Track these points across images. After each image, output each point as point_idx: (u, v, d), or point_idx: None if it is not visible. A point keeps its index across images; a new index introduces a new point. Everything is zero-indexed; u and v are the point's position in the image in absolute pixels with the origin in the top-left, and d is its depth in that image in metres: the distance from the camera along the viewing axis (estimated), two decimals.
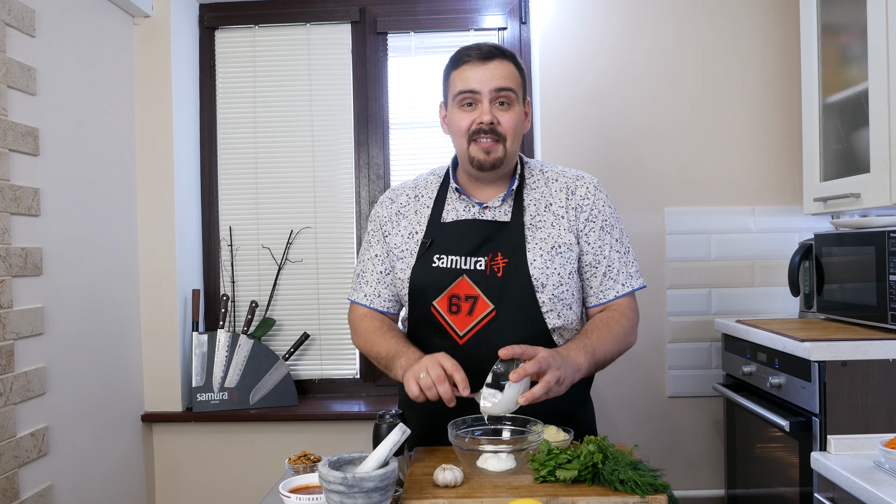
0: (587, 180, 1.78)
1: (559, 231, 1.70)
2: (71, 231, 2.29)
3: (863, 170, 2.09)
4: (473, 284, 1.67)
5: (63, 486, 2.21)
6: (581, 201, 1.74)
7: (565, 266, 1.69)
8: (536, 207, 1.73)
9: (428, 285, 1.70)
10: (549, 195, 1.74)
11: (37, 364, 2.09)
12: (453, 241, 1.70)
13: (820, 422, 1.86)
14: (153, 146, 2.74)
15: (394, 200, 1.82)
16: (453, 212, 1.75)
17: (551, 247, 1.69)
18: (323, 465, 1.22)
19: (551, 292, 1.67)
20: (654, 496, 1.27)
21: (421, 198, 1.79)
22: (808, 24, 2.42)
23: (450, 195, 1.77)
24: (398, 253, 1.76)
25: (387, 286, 1.79)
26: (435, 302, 1.69)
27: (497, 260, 1.67)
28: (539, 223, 1.71)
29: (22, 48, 2.05)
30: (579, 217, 1.73)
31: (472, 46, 1.69)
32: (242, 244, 2.99)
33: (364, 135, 2.97)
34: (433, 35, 2.97)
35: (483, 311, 1.66)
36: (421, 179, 1.84)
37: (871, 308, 2.02)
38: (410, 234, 1.76)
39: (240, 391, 2.81)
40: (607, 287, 1.75)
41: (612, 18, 2.76)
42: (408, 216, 1.78)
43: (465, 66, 1.67)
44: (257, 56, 2.99)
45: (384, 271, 1.79)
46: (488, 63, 1.65)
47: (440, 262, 1.69)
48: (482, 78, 1.65)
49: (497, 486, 1.34)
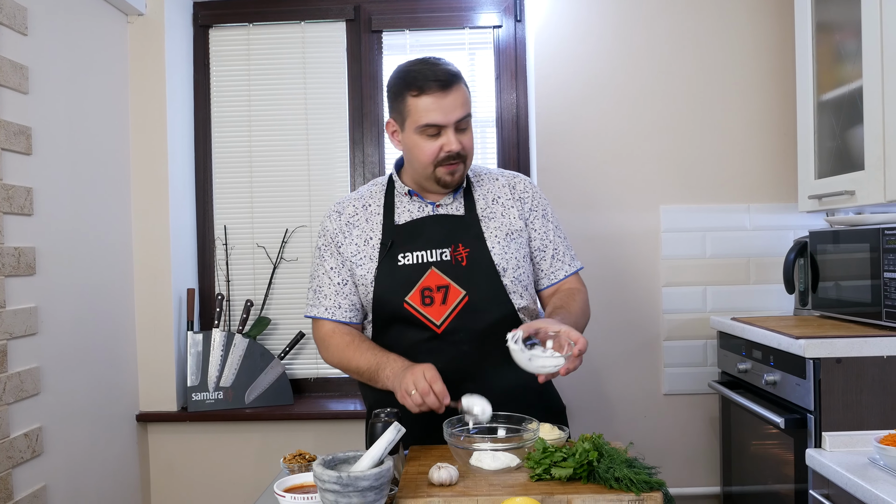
0: (522, 177, 1.93)
1: (510, 220, 1.83)
2: (64, 230, 2.28)
3: (857, 167, 2.09)
4: (442, 274, 1.74)
5: (57, 486, 2.20)
6: (522, 194, 1.88)
7: (520, 250, 1.82)
8: (485, 201, 1.85)
9: (396, 283, 1.75)
10: (494, 191, 1.87)
11: (30, 364, 2.08)
12: (415, 238, 1.77)
13: (815, 419, 1.87)
14: (147, 145, 2.73)
15: (341, 213, 1.86)
16: (406, 214, 1.82)
17: (506, 234, 1.81)
18: (318, 464, 1.22)
19: (512, 275, 1.78)
20: (649, 494, 1.27)
21: (369, 206, 1.85)
22: (802, 22, 2.42)
23: (398, 199, 1.83)
24: (356, 260, 1.80)
25: (345, 297, 1.81)
26: (407, 297, 1.74)
27: (459, 250, 1.76)
28: (491, 214, 1.83)
29: (14, 46, 2.04)
30: (524, 207, 1.86)
31: (428, 71, 1.70)
32: (237, 243, 2.99)
33: (359, 133, 2.97)
34: (428, 33, 2.96)
35: (456, 297, 1.73)
36: (364, 190, 1.90)
37: (865, 305, 2.02)
38: (366, 240, 1.80)
39: (235, 390, 2.80)
40: (556, 268, 1.89)
41: (607, 17, 2.75)
42: (359, 225, 1.83)
43: (426, 96, 1.69)
44: (252, 54, 2.99)
45: (341, 282, 1.82)
46: (448, 93, 1.69)
47: (405, 260, 1.76)
48: (446, 109, 1.70)
49: (492, 484, 1.34)
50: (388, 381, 1.65)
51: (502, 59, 2.93)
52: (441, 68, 1.71)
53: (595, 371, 2.72)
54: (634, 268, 2.75)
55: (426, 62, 1.73)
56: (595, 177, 2.75)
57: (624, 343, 2.74)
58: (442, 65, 1.72)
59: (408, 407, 1.57)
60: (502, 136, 2.93)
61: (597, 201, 2.75)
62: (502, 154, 2.93)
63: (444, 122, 1.70)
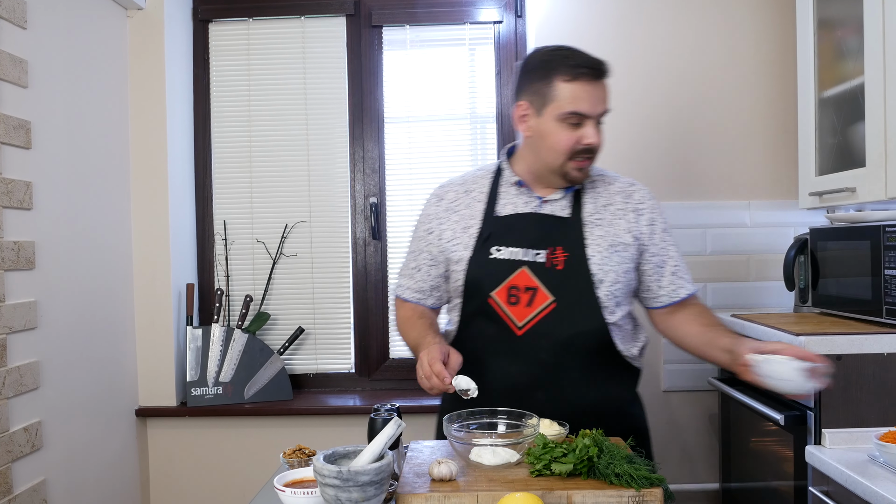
0: (640, 186, 1.81)
1: (616, 230, 1.72)
2: (64, 225, 2.28)
3: (858, 164, 2.09)
4: (533, 276, 1.67)
5: (57, 480, 2.20)
6: (639, 204, 1.76)
7: (622, 264, 1.71)
8: (595, 205, 1.74)
9: (485, 277, 1.70)
10: (607, 195, 1.76)
11: (30, 358, 2.08)
12: (512, 233, 1.71)
13: (815, 416, 1.87)
14: (147, 140, 2.73)
15: (442, 198, 1.82)
16: (510, 205, 1.75)
17: (609, 244, 1.70)
18: (318, 458, 1.22)
19: (608, 288, 1.68)
20: (649, 490, 1.27)
21: (472, 192, 1.79)
22: (804, 19, 2.41)
23: (504, 189, 1.77)
24: (451, 246, 1.76)
25: (415, 281, 1.83)
26: (493, 293, 1.69)
27: (557, 253, 1.68)
28: (598, 220, 1.72)
29: (13, 40, 2.04)
30: (640, 219, 1.75)
31: (581, 58, 1.62)
32: (237, 238, 2.98)
33: (359, 129, 2.96)
34: (428, 28, 2.95)
35: (542, 302, 1.66)
36: (469, 176, 1.85)
37: (866, 302, 2.02)
38: (464, 227, 1.76)
39: (234, 386, 2.80)
40: (678, 285, 1.78)
41: (607, 12, 2.75)
42: (459, 210, 1.78)
43: (578, 83, 1.61)
44: (251, 49, 2.98)
45: (415, 267, 1.82)
46: (598, 83, 1.62)
47: (498, 254, 1.70)
48: (594, 100, 1.62)
49: (492, 479, 1.34)
50: None
51: (503, 55, 2.93)
52: (594, 58, 1.63)
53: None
54: None
55: (574, 49, 1.65)
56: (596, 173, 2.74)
57: None
58: (592, 55, 1.64)
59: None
60: (502, 132, 2.93)
61: None
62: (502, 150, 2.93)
63: (590, 112, 1.61)
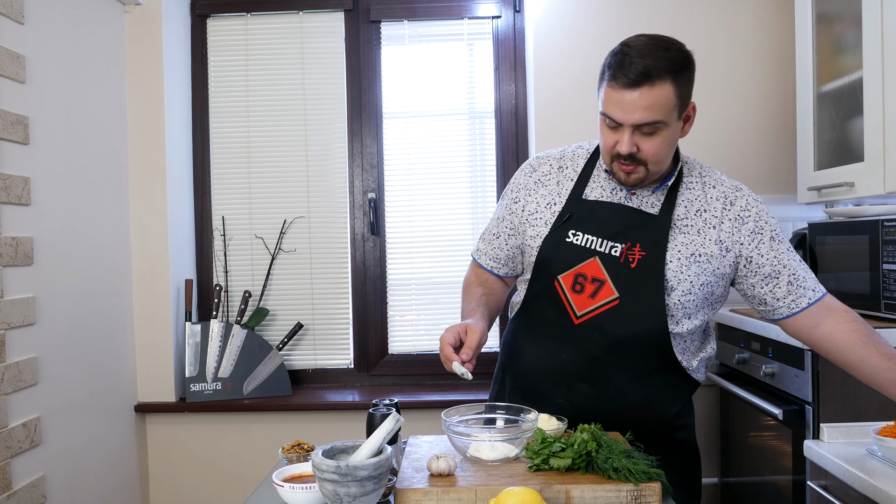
0: (747, 192, 1.68)
1: (704, 240, 1.63)
2: (62, 220, 2.28)
3: (857, 159, 2.09)
4: (603, 268, 1.62)
5: (56, 476, 2.20)
6: (741, 212, 1.64)
7: (699, 276, 1.62)
8: (687, 209, 1.65)
9: (557, 258, 1.66)
10: (704, 200, 1.65)
11: (28, 354, 2.08)
12: (593, 219, 1.65)
13: (813, 410, 1.87)
14: (145, 135, 2.72)
15: (536, 169, 1.77)
16: (598, 190, 1.69)
17: (691, 253, 1.62)
18: (316, 453, 1.22)
19: (678, 298, 1.61)
20: (647, 484, 1.27)
21: (565, 169, 1.74)
22: (802, 13, 2.41)
23: (597, 172, 1.70)
24: (532, 220, 1.72)
25: (493, 248, 1.81)
26: (560, 276, 1.65)
27: (634, 251, 1.61)
28: (686, 226, 1.63)
29: (11, 35, 2.03)
30: (740, 230, 1.63)
31: (625, 61, 1.50)
32: (235, 234, 2.98)
33: (357, 124, 2.96)
34: (427, 23, 2.95)
35: (606, 297, 1.62)
36: (568, 151, 1.77)
37: (864, 297, 2.02)
38: (548, 203, 1.71)
39: (233, 381, 2.80)
40: (798, 295, 1.63)
41: (605, 7, 2.74)
42: (548, 185, 1.73)
43: (611, 88, 1.52)
44: (249, 44, 2.97)
45: (495, 234, 1.80)
46: (634, 91, 1.49)
47: (574, 239, 1.65)
48: (626, 108, 1.50)
49: (491, 474, 1.34)
50: None
51: (501, 50, 2.92)
52: (642, 62, 1.48)
53: None
54: None
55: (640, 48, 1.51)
56: None
57: None
58: (650, 58, 1.48)
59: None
60: (501, 127, 2.92)
61: None
62: (501, 145, 2.93)
63: (621, 119, 1.52)
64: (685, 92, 1.55)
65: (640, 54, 1.49)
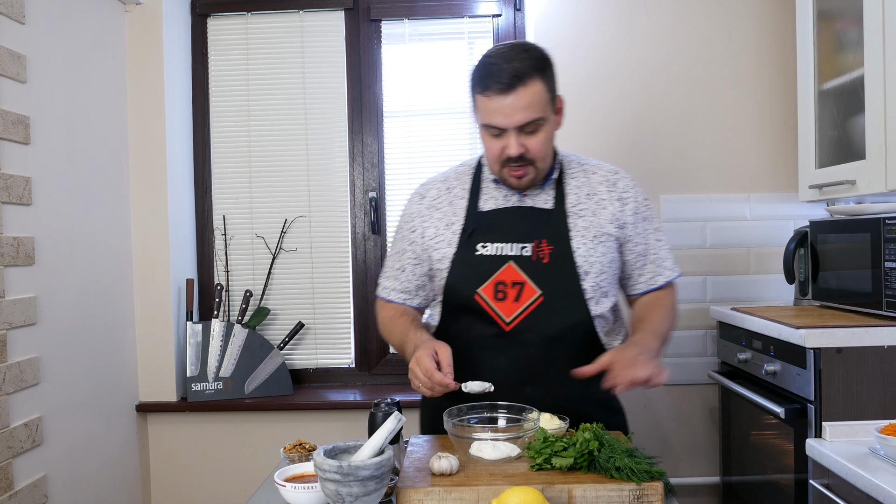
0: (623, 174, 1.80)
1: (600, 220, 1.72)
2: (63, 220, 2.27)
3: (858, 156, 2.09)
4: (520, 270, 1.67)
5: (57, 476, 2.20)
6: (623, 193, 1.76)
7: (606, 255, 1.71)
8: (578, 196, 1.74)
9: (471, 273, 1.69)
10: (589, 185, 1.75)
11: (30, 354, 2.08)
12: (496, 228, 1.70)
13: (815, 409, 1.87)
14: (145, 135, 2.72)
15: (424, 196, 1.81)
16: (491, 200, 1.74)
17: (594, 235, 1.70)
18: (318, 453, 1.22)
19: (594, 280, 1.69)
20: (649, 483, 1.27)
21: (453, 189, 1.79)
22: (803, 10, 2.41)
23: (485, 185, 1.76)
24: (434, 244, 1.75)
25: (401, 281, 1.81)
26: (480, 289, 1.68)
27: (542, 246, 1.68)
28: (581, 211, 1.72)
29: (11, 35, 2.03)
30: (624, 208, 1.74)
31: (494, 69, 1.58)
32: (236, 233, 2.98)
33: (358, 123, 2.96)
34: (427, 22, 2.94)
35: (530, 296, 1.66)
36: (451, 172, 1.84)
37: (866, 295, 2.02)
38: (447, 224, 1.75)
39: (234, 381, 2.80)
40: (657, 273, 1.80)
41: (607, 6, 2.74)
42: (441, 208, 1.78)
43: (487, 97, 1.59)
44: (250, 44, 2.97)
45: (400, 268, 1.81)
46: (510, 94, 1.57)
47: (484, 250, 1.69)
48: (507, 112, 1.58)
49: (493, 473, 1.34)
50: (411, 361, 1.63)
51: None
52: (510, 66, 1.57)
53: None
54: None
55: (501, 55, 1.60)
56: None
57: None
58: (515, 61, 1.58)
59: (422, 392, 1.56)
60: None
61: None
62: None
63: (504, 124, 1.59)
64: (553, 86, 1.65)
65: (506, 60, 1.58)
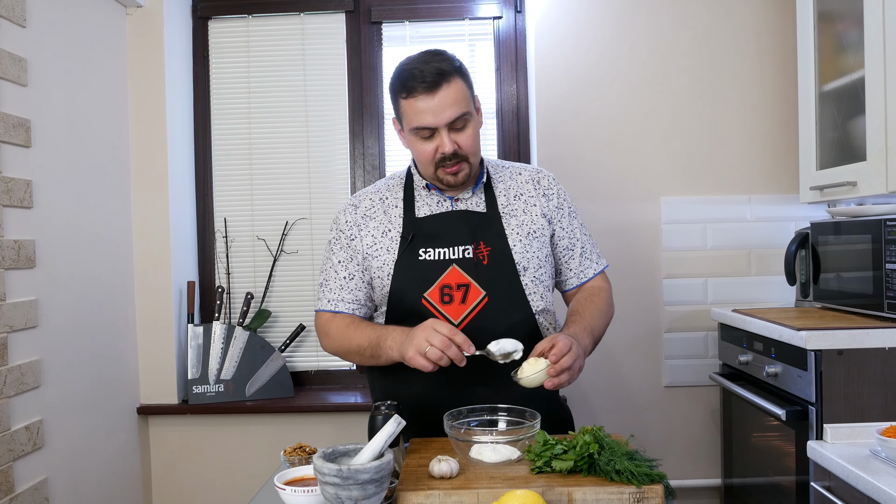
0: (546, 172, 1.87)
1: (532, 217, 1.79)
2: (64, 223, 2.28)
3: (859, 158, 2.09)
4: (464, 272, 1.70)
5: (58, 479, 2.20)
6: (547, 190, 1.83)
7: (542, 249, 1.77)
8: (507, 197, 1.80)
9: (415, 278, 1.71)
10: (516, 186, 1.82)
11: (31, 357, 2.08)
12: (436, 233, 1.73)
13: (816, 411, 1.86)
14: (147, 137, 2.72)
15: (357, 206, 1.81)
16: (425, 207, 1.77)
17: (528, 232, 1.76)
18: (318, 457, 1.22)
19: (533, 275, 1.74)
20: (650, 486, 1.27)
21: (386, 199, 1.81)
22: (804, 12, 2.40)
23: (417, 193, 1.79)
24: (372, 252, 1.76)
25: (350, 291, 1.78)
26: (426, 294, 1.69)
27: (482, 248, 1.72)
28: (513, 211, 1.78)
29: (13, 38, 2.03)
30: (549, 204, 1.81)
31: (416, 72, 1.63)
32: (237, 235, 2.98)
33: (359, 125, 2.96)
34: (428, 24, 2.94)
35: (476, 297, 1.69)
36: (381, 184, 1.86)
37: (867, 297, 2.02)
38: (384, 232, 1.76)
39: (235, 383, 2.80)
40: (585, 266, 1.86)
41: (607, 7, 2.74)
42: (376, 217, 1.79)
43: (414, 99, 1.64)
44: (251, 46, 2.97)
45: (347, 276, 1.78)
46: (436, 92, 1.62)
47: (427, 255, 1.72)
48: (436, 110, 1.63)
49: (493, 477, 1.34)
50: (393, 350, 1.60)
51: (502, 51, 2.92)
52: (430, 66, 1.63)
53: (596, 363, 2.72)
54: (635, 259, 2.75)
55: (418, 60, 1.66)
56: (596, 168, 2.75)
57: (625, 335, 2.74)
58: (434, 62, 1.64)
59: (421, 367, 1.51)
60: (503, 127, 2.92)
61: (598, 193, 2.75)
62: (502, 146, 2.93)
63: (434, 124, 1.64)
64: (471, 85, 1.71)
65: (425, 62, 1.64)
